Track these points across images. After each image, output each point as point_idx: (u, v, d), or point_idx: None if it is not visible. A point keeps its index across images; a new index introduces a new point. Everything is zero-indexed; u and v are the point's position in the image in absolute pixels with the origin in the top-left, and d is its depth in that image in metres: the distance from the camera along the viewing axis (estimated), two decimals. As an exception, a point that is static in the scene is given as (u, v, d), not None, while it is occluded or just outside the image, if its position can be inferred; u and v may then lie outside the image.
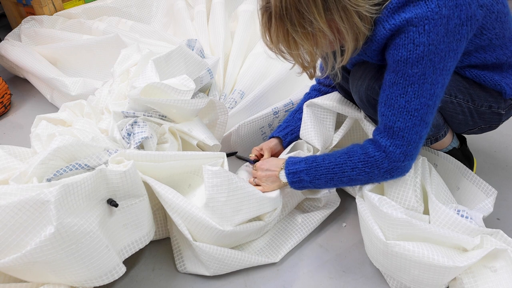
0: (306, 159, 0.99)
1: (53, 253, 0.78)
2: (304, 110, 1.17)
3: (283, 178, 1.00)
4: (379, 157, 0.89)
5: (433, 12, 0.76)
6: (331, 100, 1.14)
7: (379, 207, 0.89)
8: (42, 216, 0.77)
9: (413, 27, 0.78)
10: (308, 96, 1.23)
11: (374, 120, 1.07)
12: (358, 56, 0.93)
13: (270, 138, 1.22)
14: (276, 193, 1.02)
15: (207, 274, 1.00)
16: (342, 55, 0.86)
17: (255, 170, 1.07)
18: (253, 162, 1.16)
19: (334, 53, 0.87)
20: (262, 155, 1.17)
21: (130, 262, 1.04)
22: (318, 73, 0.94)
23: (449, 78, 0.84)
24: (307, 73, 0.91)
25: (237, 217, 0.96)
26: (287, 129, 1.20)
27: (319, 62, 0.94)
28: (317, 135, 1.13)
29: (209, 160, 1.05)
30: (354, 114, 1.12)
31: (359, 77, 0.98)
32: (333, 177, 0.94)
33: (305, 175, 0.97)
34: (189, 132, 1.10)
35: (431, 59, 0.79)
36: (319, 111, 1.17)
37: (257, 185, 1.05)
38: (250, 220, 1.00)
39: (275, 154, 1.19)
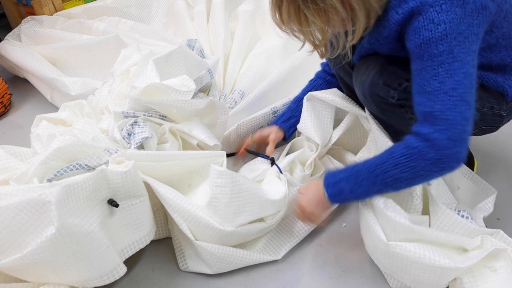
0: (346, 167, 0.90)
1: (54, 254, 0.78)
2: (304, 103, 1.16)
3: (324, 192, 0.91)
4: (423, 146, 0.78)
5: None
6: (333, 95, 1.14)
7: (383, 210, 0.88)
8: (43, 217, 0.77)
9: (430, 8, 0.75)
10: (313, 83, 1.23)
11: (376, 117, 1.07)
12: (369, 45, 0.92)
13: (272, 124, 1.21)
14: (280, 196, 1.02)
15: (210, 272, 1.00)
16: (353, 34, 0.84)
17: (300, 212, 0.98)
18: (269, 159, 1.15)
19: (345, 32, 0.84)
20: (265, 145, 1.17)
21: (130, 262, 1.04)
22: (328, 52, 0.90)
23: (476, 62, 0.80)
24: (317, 51, 0.89)
25: (239, 219, 0.96)
26: (291, 121, 1.20)
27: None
28: (316, 130, 1.13)
29: (209, 159, 1.05)
30: (354, 110, 1.11)
31: (364, 72, 0.97)
32: (375, 180, 0.84)
33: (345, 184, 0.87)
34: (189, 132, 1.10)
35: (455, 37, 0.76)
36: (319, 105, 1.17)
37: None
38: (252, 222, 1.00)
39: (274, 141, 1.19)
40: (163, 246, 1.09)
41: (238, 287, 0.99)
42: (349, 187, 0.87)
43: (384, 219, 0.90)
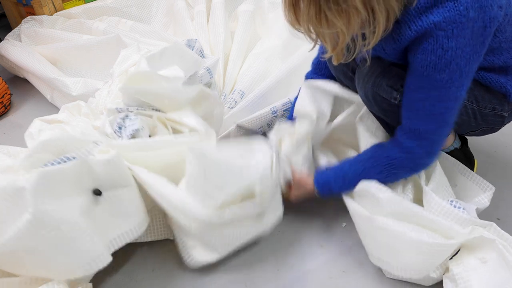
0: (334, 167, 1.02)
1: (32, 241, 0.76)
2: (302, 88, 1.15)
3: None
4: (405, 158, 0.91)
5: (461, 15, 0.75)
6: (331, 84, 1.13)
7: (366, 189, 0.91)
8: (18, 204, 0.75)
9: (442, 32, 0.76)
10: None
11: (377, 117, 1.06)
12: (374, 51, 0.90)
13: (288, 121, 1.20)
14: (263, 166, 0.95)
15: (216, 257, 0.99)
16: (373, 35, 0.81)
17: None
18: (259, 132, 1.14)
19: (362, 35, 0.82)
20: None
21: (130, 262, 1.03)
22: (344, 56, 0.87)
23: (470, 82, 0.84)
24: (334, 54, 0.85)
25: (222, 193, 0.90)
26: None
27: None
28: (314, 108, 1.11)
29: (200, 143, 1.00)
30: (353, 97, 1.10)
31: (367, 73, 0.96)
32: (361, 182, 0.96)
33: (333, 185, 0.99)
34: (180, 119, 1.06)
35: (457, 63, 0.78)
36: (317, 92, 1.15)
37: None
38: (238, 203, 0.95)
39: None
40: (163, 246, 1.08)
41: (238, 287, 0.99)
42: (337, 188, 0.99)
43: (368, 199, 0.91)
